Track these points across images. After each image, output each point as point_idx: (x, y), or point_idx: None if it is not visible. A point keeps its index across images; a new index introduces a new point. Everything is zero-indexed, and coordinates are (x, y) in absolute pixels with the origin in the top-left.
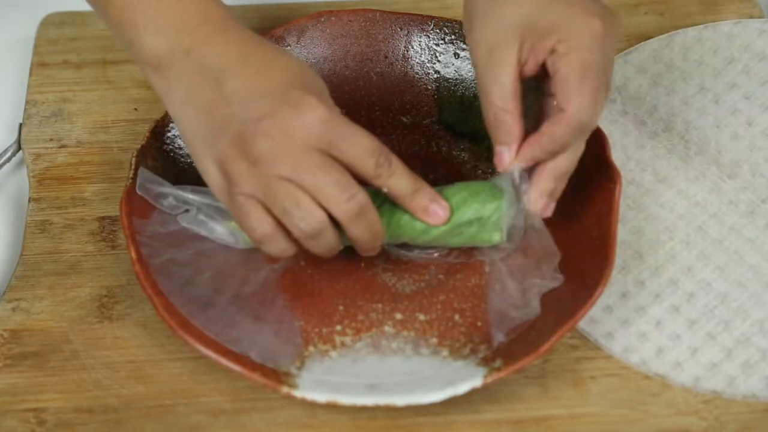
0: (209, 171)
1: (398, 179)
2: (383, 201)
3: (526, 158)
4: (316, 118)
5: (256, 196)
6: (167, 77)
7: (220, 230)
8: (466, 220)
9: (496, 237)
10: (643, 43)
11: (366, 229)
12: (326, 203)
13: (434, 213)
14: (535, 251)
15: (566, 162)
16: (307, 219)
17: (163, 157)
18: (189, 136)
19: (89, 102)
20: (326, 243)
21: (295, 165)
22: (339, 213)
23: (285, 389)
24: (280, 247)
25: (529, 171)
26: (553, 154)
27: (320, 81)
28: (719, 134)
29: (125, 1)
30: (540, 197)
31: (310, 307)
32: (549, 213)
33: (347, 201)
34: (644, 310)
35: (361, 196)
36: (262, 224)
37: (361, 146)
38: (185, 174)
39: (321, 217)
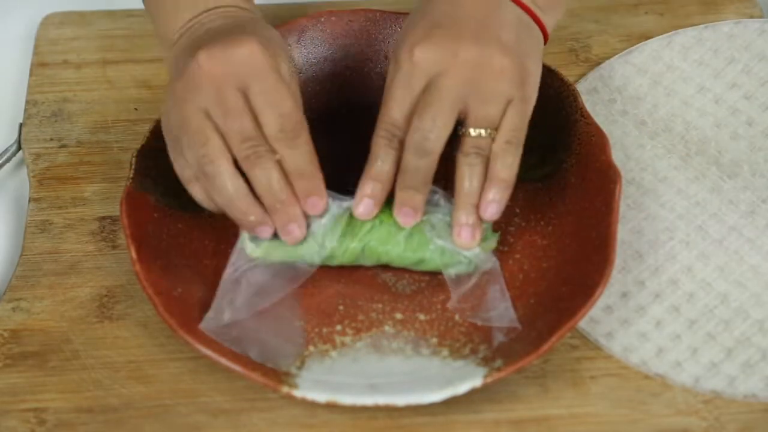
0: (164, 122)
1: (295, 154)
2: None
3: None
4: (243, 53)
5: (177, 129)
6: (172, 54)
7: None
8: (428, 258)
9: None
10: (643, 43)
11: (263, 177)
12: (230, 141)
13: (312, 204)
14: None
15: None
16: (207, 158)
17: (164, 157)
18: (167, 106)
19: (89, 102)
20: (225, 191)
21: (212, 98)
22: (238, 153)
23: (285, 389)
24: (198, 195)
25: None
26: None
27: (285, 50)
28: (719, 134)
29: None
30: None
31: (310, 307)
32: (477, 238)
33: (248, 149)
34: (644, 310)
35: (261, 149)
36: (185, 170)
37: (272, 101)
38: None
39: (222, 158)
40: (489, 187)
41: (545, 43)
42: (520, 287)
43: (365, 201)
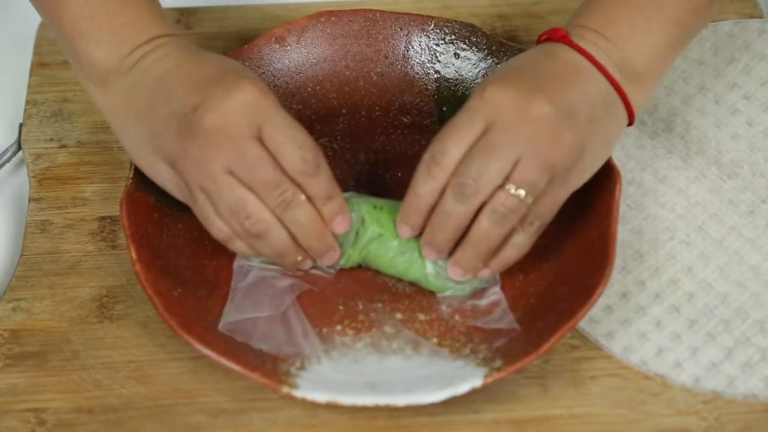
0: (163, 174)
1: (319, 182)
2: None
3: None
4: (246, 100)
5: (205, 189)
6: (111, 90)
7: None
8: (423, 281)
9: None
10: None
11: (297, 225)
12: (260, 194)
13: (338, 223)
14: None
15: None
16: (254, 218)
17: None
18: (134, 145)
19: (89, 102)
20: (275, 243)
21: (232, 155)
22: (271, 208)
23: (285, 389)
24: (241, 248)
25: None
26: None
27: (257, 77)
28: (719, 134)
29: (82, 13)
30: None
31: (310, 307)
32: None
33: (277, 198)
34: (644, 310)
35: (288, 194)
36: (221, 227)
37: (288, 138)
38: None
39: (265, 215)
40: (499, 256)
41: (631, 123)
42: (520, 287)
43: (405, 228)
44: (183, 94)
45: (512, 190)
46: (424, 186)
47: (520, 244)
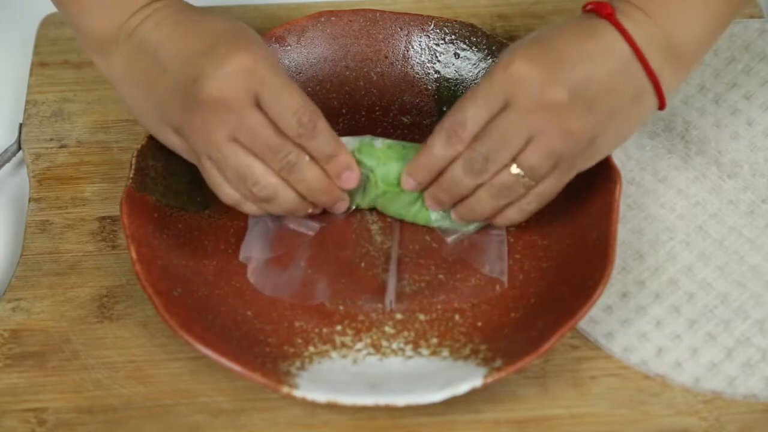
0: (172, 141)
1: (318, 142)
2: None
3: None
4: (240, 68)
5: (212, 158)
6: (111, 59)
7: None
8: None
9: None
10: None
11: (304, 185)
12: (266, 159)
13: (346, 179)
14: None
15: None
16: (260, 184)
17: (163, 157)
18: (139, 112)
19: (89, 102)
20: (285, 202)
21: (234, 124)
22: (275, 168)
23: (285, 389)
24: (251, 209)
25: None
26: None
27: (254, 35)
28: (719, 134)
29: None
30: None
31: (310, 307)
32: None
33: (280, 161)
34: (644, 310)
35: (292, 156)
36: (228, 191)
37: (283, 103)
38: (185, 173)
39: (271, 180)
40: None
41: (662, 108)
42: (520, 287)
43: (410, 181)
44: (181, 66)
45: (514, 170)
46: (441, 151)
47: (511, 218)
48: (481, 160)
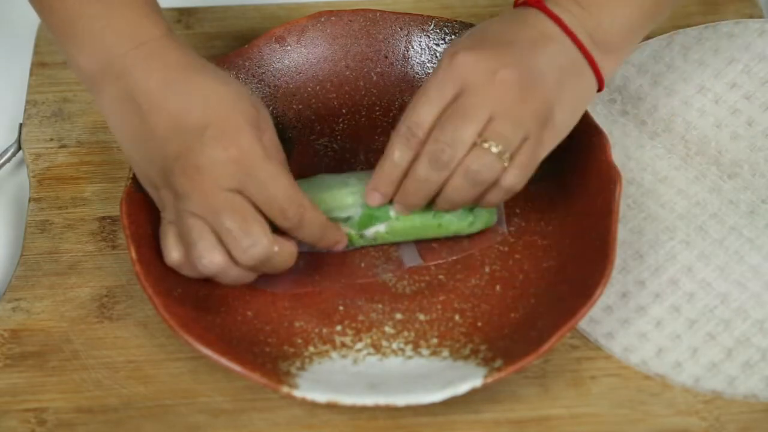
0: (146, 186)
1: (306, 232)
2: None
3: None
4: (224, 159)
5: (174, 224)
6: (101, 98)
7: None
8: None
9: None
10: (643, 43)
11: (267, 269)
12: (228, 247)
13: (335, 249)
14: None
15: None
16: (204, 260)
17: None
18: (128, 154)
19: (89, 102)
20: (231, 279)
21: (203, 204)
22: (239, 258)
23: (285, 389)
24: (190, 274)
25: None
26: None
27: (250, 108)
28: (719, 134)
29: (66, 16)
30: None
31: (310, 308)
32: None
33: (246, 250)
34: (644, 310)
35: (260, 248)
36: (172, 253)
37: (269, 196)
38: None
39: (218, 260)
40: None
41: (600, 89)
42: (520, 287)
43: (375, 196)
44: (167, 137)
45: (485, 145)
46: (401, 155)
47: (493, 200)
48: (445, 149)
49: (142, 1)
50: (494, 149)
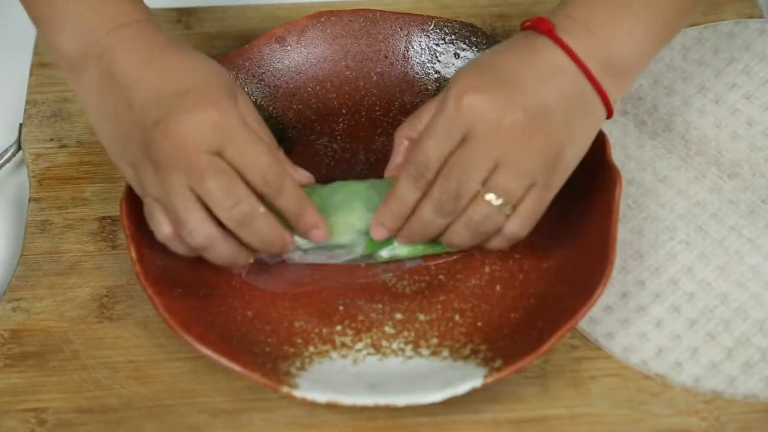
0: (127, 172)
1: (285, 201)
2: None
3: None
4: (204, 122)
5: (160, 200)
6: (80, 80)
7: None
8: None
9: None
10: None
11: (253, 236)
12: (213, 209)
13: (314, 236)
14: None
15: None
16: (194, 232)
17: None
18: (104, 138)
19: None
20: (220, 253)
21: (186, 170)
22: (224, 219)
23: (285, 389)
24: (181, 251)
25: None
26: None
27: (229, 85)
28: (719, 134)
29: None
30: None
31: (310, 308)
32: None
33: (230, 208)
34: (644, 310)
35: (245, 205)
36: (162, 227)
37: (248, 160)
38: None
39: (208, 231)
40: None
41: (609, 116)
42: (520, 287)
43: (381, 230)
44: (146, 106)
45: (488, 197)
46: (409, 195)
47: (496, 246)
48: (449, 198)
49: None
50: (495, 201)
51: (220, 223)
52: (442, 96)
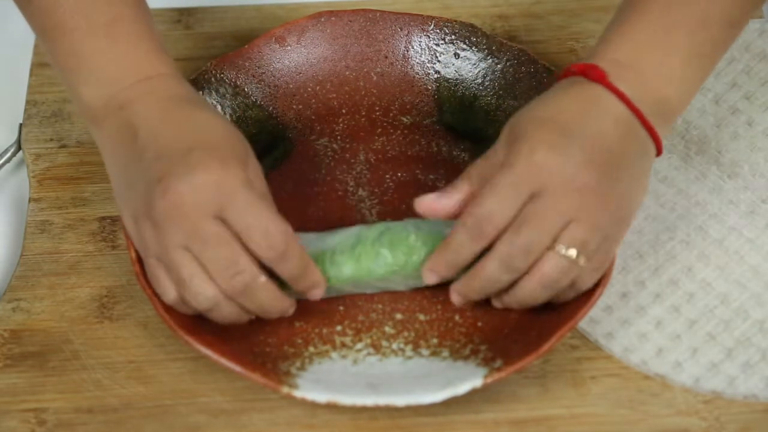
0: (128, 225)
1: (287, 267)
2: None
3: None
4: (205, 182)
5: (161, 260)
6: (101, 130)
7: None
8: None
9: None
10: None
11: (253, 304)
12: (212, 276)
13: (313, 296)
14: None
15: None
16: (199, 296)
17: None
18: (114, 187)
19: None
20: (225, 315)
21: (186, 232)
22: (223, 288)
23: (285, 389)
24: (189, 312)
25: None
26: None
27: (240, 145)
28: (719, 134)
29: (71, 48)
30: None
31: (310, 308)
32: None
33: (230, 279)
34: (644, 310)
35: (246, 275)
36: (168, 292)
37: (250, 222)
38: None
39: (211, 293)
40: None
41: (659, 155)
42: None
43: (434, 277)
44: (152, 160)
45: (563, 251)
46: (467, 248)
47: (563, 300)
48: (518, 253)
49: (148, 38)
50: (571, 253)
51: None
52: (504, 149)
